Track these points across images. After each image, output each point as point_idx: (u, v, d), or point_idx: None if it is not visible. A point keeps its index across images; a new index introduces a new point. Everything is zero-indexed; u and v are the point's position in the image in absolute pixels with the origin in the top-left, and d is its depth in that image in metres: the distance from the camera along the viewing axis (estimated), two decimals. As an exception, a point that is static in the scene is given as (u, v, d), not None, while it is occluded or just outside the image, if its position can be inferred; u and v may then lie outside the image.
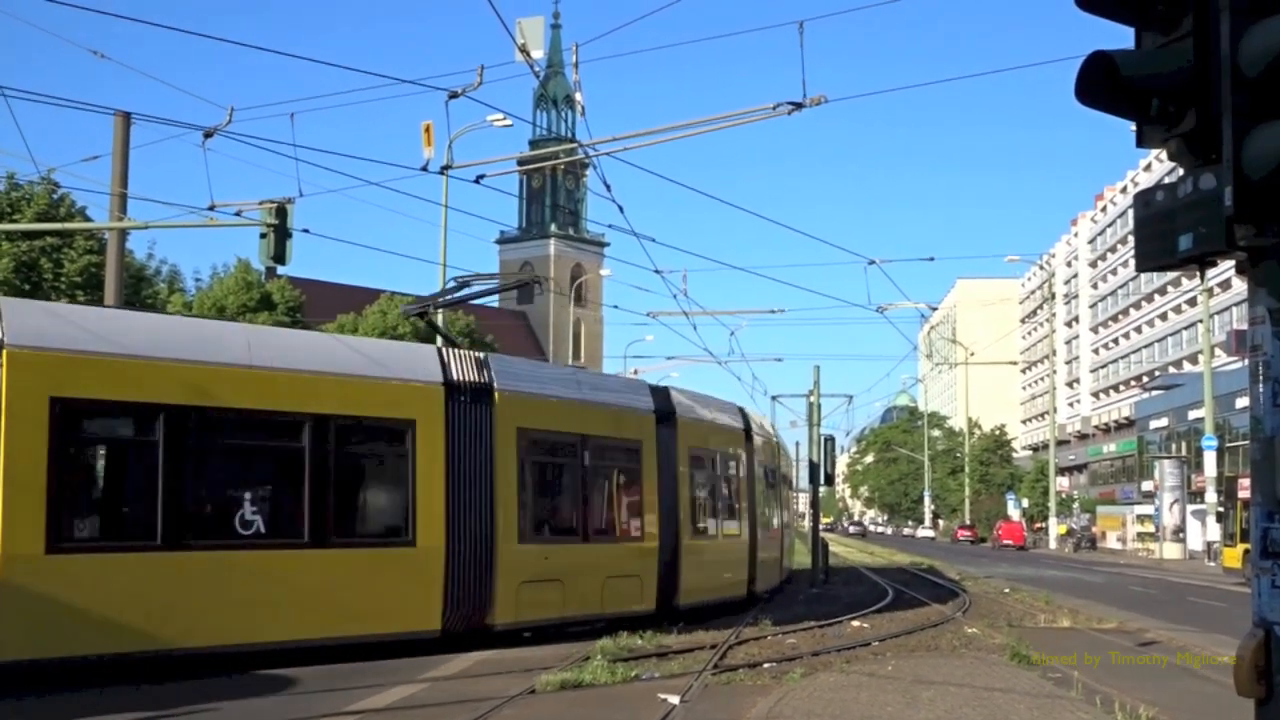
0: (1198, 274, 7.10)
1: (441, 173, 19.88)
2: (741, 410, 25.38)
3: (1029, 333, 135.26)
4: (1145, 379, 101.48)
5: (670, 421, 20.96)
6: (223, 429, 14.23)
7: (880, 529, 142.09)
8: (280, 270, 25.09)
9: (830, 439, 38.10)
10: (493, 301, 74.03)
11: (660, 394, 21.32)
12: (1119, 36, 5.75)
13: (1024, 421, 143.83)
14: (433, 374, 16.34)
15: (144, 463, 13.53)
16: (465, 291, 20.22)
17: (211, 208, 18.69)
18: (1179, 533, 62.51)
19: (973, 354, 79.50)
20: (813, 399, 38.92)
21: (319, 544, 14.76)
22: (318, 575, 14.76)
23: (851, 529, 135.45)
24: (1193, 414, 68.31)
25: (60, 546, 12.54)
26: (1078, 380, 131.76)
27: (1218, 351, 63.76)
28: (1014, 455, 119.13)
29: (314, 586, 14.68)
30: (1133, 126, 5.68)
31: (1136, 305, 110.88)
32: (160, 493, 13.35)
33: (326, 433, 14.95)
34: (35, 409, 12.45)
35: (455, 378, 16.53)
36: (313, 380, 14.94)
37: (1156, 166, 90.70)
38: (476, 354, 17.73)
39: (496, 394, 17.00)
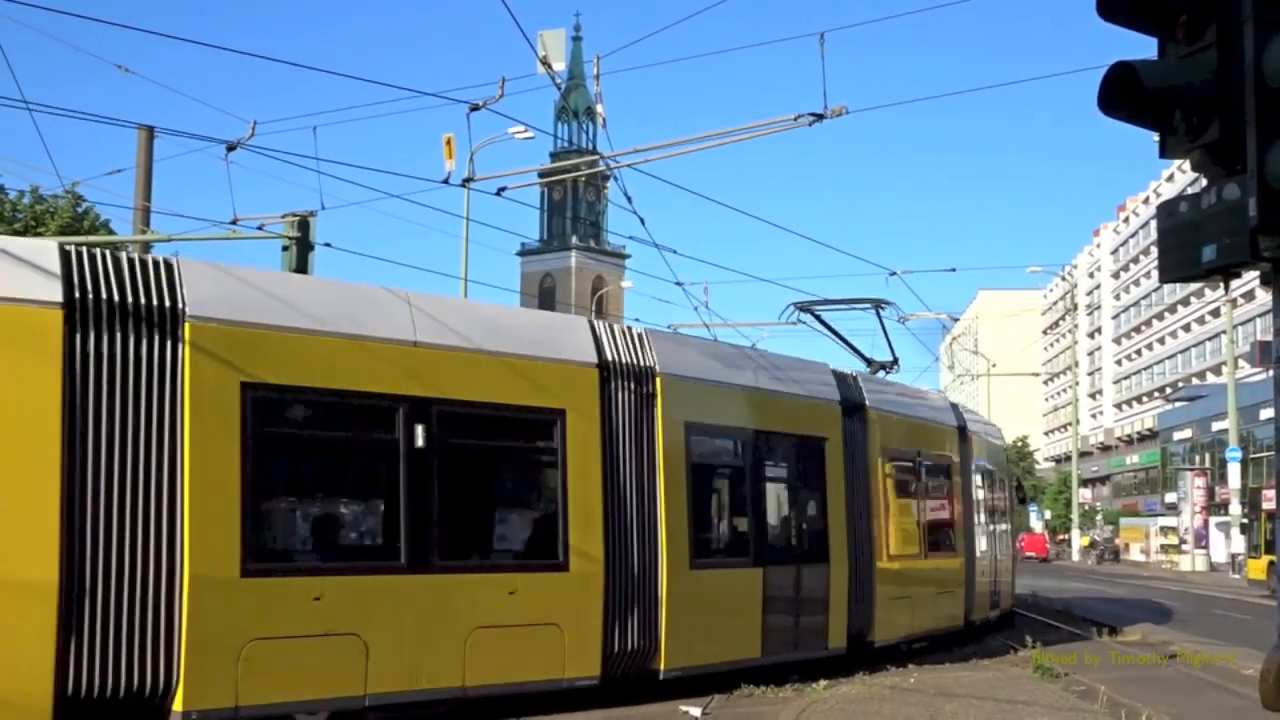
0: (1221, 285, 7.02)
1: (463, 185, 19.87)
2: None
3: (1051, 344, 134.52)
4: (1168, 390, 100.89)
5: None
6: None
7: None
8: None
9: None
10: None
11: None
12: (1142, 46, 5.73)
13: (1046, 433, 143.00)
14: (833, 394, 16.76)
15: None
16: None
17: (234, 221, 18.71)
18: (1202, 544, 62.06)
19: (995, 365, 79.19)
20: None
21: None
22: None
23: None
24: (1216, 425, 67.81)
25: None
26: (1100, 391, 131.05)
27: (1241, 363, 63.24)
28: (1037, 467, 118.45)
29: None
30: (1155, 137, 5.67)
31: (1159, 316, 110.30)
32: None
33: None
34: None
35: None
36: None
37: (1179, 177, 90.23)
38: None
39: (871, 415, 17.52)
